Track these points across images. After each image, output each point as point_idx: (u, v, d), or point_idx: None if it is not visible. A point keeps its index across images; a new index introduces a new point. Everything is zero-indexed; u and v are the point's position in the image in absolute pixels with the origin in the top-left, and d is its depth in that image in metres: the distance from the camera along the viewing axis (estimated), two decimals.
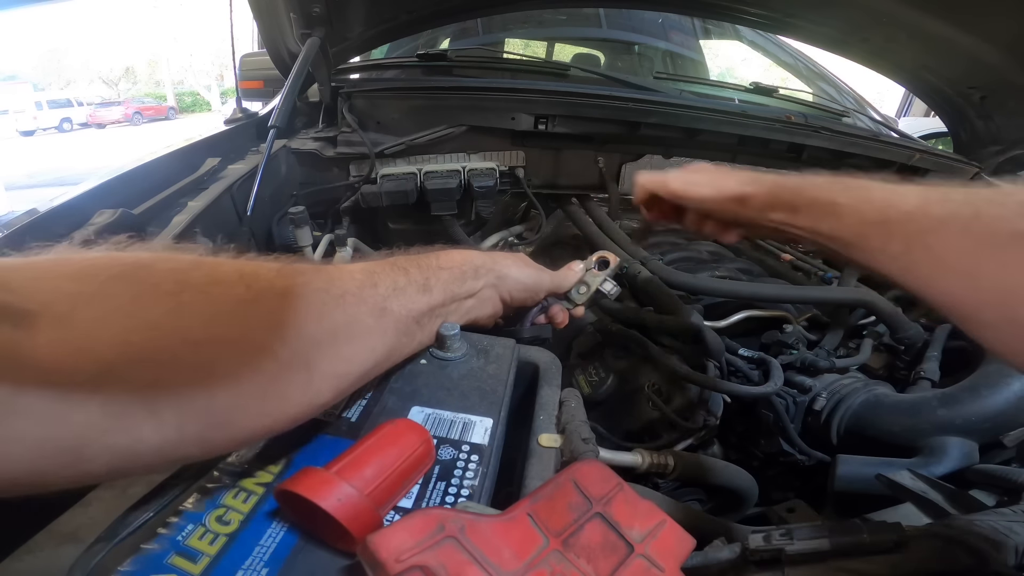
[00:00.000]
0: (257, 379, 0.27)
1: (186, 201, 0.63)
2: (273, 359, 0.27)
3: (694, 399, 0.67)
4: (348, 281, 0.34)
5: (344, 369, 0.32)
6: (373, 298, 0.35)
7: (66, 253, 0.26)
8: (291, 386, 0.29)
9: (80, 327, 0.22)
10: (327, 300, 0.31)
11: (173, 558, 0.27)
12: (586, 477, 0.31)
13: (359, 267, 0.36)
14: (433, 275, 0.40)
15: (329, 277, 0.33)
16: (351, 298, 0.33)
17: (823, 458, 0.64)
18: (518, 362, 0.46)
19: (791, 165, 1.08)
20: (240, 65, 1.14)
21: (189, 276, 0.26)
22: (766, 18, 1.08)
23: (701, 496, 0.62)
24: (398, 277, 0.38)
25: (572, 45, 1.70)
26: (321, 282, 0.32)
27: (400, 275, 0.38)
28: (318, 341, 0.30)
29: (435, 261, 0.42)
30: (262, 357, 0.27)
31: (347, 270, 0.35)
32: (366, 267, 0.37)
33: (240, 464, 0.32)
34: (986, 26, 0.89)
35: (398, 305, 0.36)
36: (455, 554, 0.25)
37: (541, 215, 1.03)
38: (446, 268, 0.42)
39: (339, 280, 0.33)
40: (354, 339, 0.33)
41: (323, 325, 0.31)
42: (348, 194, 0.94)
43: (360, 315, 0.33)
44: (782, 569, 0.35)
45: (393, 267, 0.38)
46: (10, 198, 5.62)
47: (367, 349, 0.34)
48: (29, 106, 14.77)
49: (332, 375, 0.31)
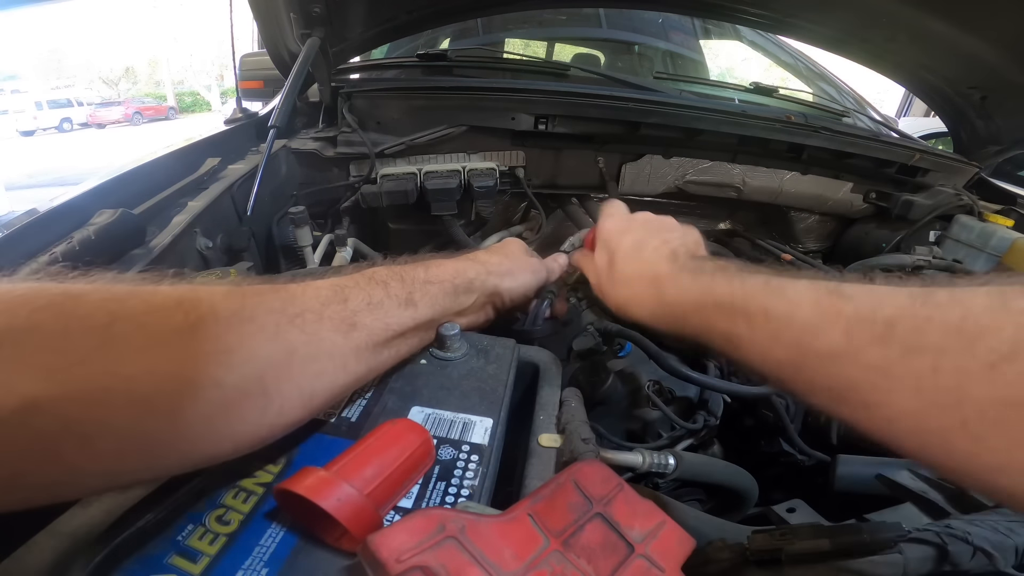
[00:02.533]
0: (200, 409, 0.26)
1: (186, 201, 0.63)
2: (216, 387, 0.26)
3: (694, 399, 0.67)
4: (310, 299, 0.32)
5: (311, 388, 0.31)
6: (340, 314, 0.33)
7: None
8: (247, 411, 0.28)
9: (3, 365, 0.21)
10: (281, 321, 0.30)
11: (173, 558, 0.27)
12: (586, 477, 0.31)
13: (329, 283, 0.35)
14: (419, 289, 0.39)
15: (288, 296, 0.32)
16: (311, 315, 0.31)
17: (823, 458, 0.64)
18: (518, 362, 0.46)
19: (791, 165, 1.08)
20: (240, 65, 1.14)
21: (122, 306, 0.25)
22: (766, 18, 1.08)
23: (701, 496, 0.62)
24: (374, 291, 0.36)
25: (572, 45, 1.70)
26: (277, 302, 0.31)
27: (377, 289, 0.36)
28: (273, 363, 0.29)
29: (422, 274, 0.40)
30: (203, 386, 0.26)
31: (312, 287, 0.34)
32: (337, 282, 0.35)
33: (240, 464, 0.32)
34: (986, 26, 0.89)
35: (372, 320, 0.35)
36: (456, 554, 0.25)
37: (541, 215, 1.03)
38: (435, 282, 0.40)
39: (299, 298, 0.32)
40: (319, 356, 0.31)
41: (277, 346, 0.29)
42: (348, 194, 0.94)
43: (322, 332, 0.32)
44: (782, 569, 0.35)
45: (370, 281, 0.37)
46: (10, 198, 5.62)
47: (336, 367, 0.32)
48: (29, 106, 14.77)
49: (297, 395, 0.30)
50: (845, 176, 1.11)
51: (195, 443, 0.27)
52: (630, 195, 1.09)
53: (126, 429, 0.24)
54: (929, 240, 1.05)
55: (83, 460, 0.23)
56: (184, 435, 0.26)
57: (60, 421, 0.22)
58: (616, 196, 1.03)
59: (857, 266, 0.94)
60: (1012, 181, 1.38)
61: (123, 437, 0.24)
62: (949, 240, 1.03)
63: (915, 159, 1.05)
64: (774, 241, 1.17)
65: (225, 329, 0.27)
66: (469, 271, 0.43)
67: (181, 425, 0.25)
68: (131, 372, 0.24)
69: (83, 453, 0.23)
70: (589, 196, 1.08)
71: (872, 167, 1.09)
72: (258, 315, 0.29)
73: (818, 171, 1.09)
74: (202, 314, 0.27)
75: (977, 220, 1.01)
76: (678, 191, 1.08)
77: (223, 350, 0.27)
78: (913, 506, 0.48)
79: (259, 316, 0.29)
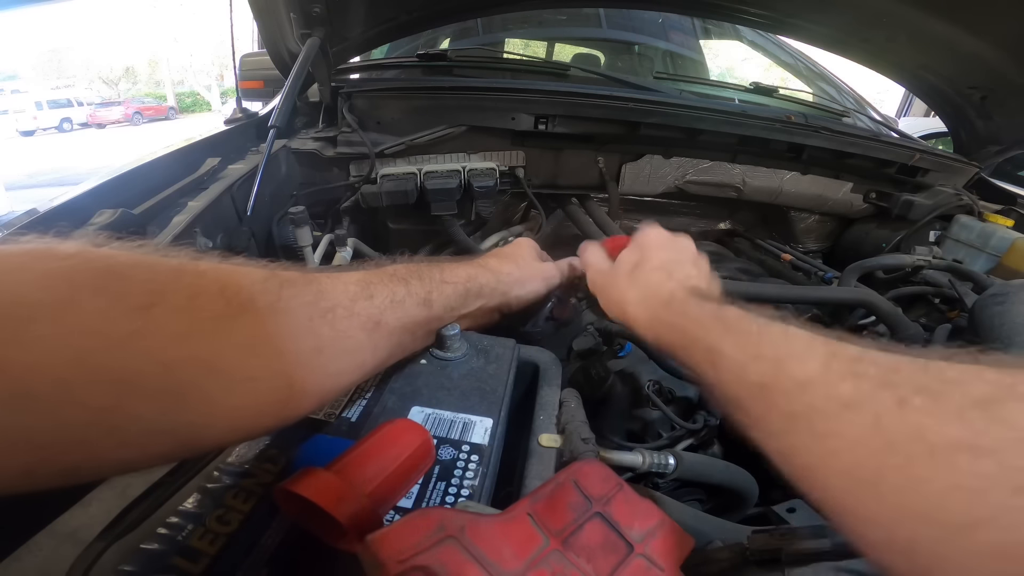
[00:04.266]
0: (231, 400, 0.25)
1: (186, 201, 0.63)
2: (249, 379, 0.26)
3: (694, 399, 0.67)
4: (340, 294, 0.32)
5: (329, 385, 0.31)
6: (367, 311, 0.33)
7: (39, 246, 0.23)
8: (268, 404, 0.28)
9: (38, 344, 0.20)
10: (314, 315, 0.30)
11: (173, 558, 0.27)
12: (586, 477, 0.31)
13: (355, 277, 0.35)
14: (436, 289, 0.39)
15: (319, 290, 0.31)
16: (342, 311, 0.31)
17: None
18: (518, 362, 0.46)
19: (791, 165, 1.08)
20: (240, 65, 1.13)
21: (166, 288, 0.24)
22: (766, 18, 1.08)
23: (701, 496, 0.62)
24: (397, 288, 0.36)
25: (572, 45, 1.70)
26: (310, 295, 0.31)
27: (400, 286, 0.36)
28: (301, 359, 0.29)
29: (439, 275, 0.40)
30: (238, 378, 0.26)
31: (341, 280, 0.34)
32: (362, 277, 0.35)
33: (240, 464, 0.32)
34: (986, 26, 0.89)
35: (394, 318, 0.35)
36: (455, 554, 0.25)
37: (541, 215, 1.03)
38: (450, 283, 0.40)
39: (330, 292, 0.32)
40: (343, 355, 0.31)
41: (308, 342, 0.29)
42: (348, 194, 0.94)
43: (350, 330, 0.32)
44: (782, 569, 0.35)
45: (392, 278, 0.37)
46: (10, 198, 5.62)
47: (356, 365, 0.33)
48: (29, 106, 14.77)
49: (316, 392, 0.30)
50: (845, 176, 1.11)
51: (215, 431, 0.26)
52: (630, 195, 1.09)
53: (156, 419, 0.23)
54: (929, 240, 1.05)
55: (109, 448, 0.23)
56: (208, 424, 0.25)
57: (89, 409, 0.21)
58: (616, 196, 1.03)
59: (857, 266, 0.94)
60: (1012, 181, 1.38)
61: (151, 427, 0.23)
62: (949, 240, 1.04)
63: (915, 159, 1.05)
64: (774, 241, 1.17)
65: (263, 320, 0.27)
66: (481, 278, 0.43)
67: (208, 415, 0.25)
68: (169, 359, 0.23)
69: (110, 441, 0.22)
70: (589, 196, 1.08)
71: (872, 167, 1.09)
72: (292, 307, 0.29)
73: (818, 171, 1.09)
74: (243, 303, 0.26)
75: (977, 220, 1.01)
76: (678, 191, 1.08)
77: (260, 341, 0.27)
78: None
79: (293, 309, 0.29)
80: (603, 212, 1.02)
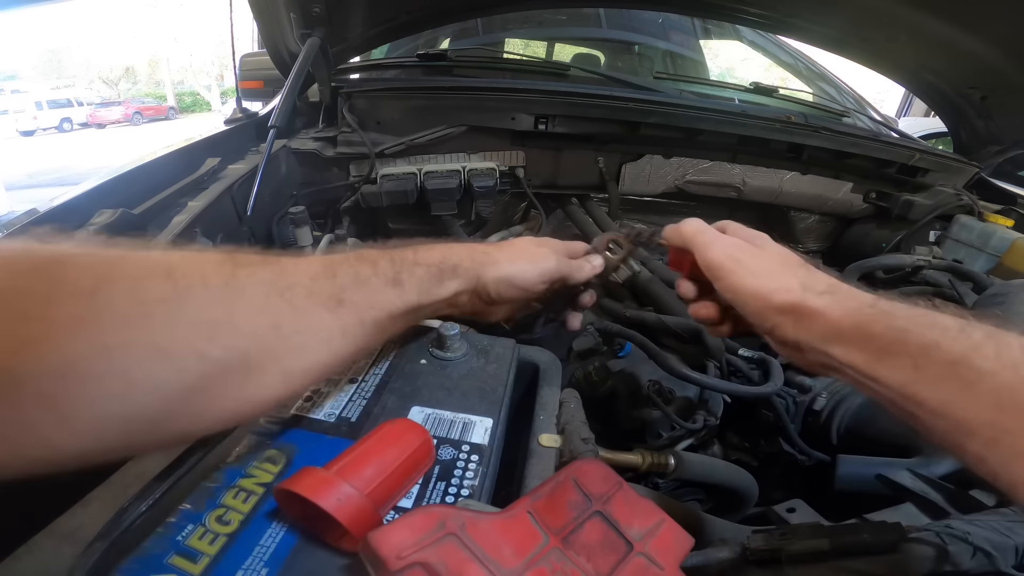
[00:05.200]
0: (182, 382, 0.25)
1: (186, 201, 0.63)
2: (199, 359, 0.25)
3: (694, 399, 0.67)
4: (300, 274, 0.32)
5: (294, 365, 0.30)
6: (328, 289, 0.32)
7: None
8: (228, 386, 0.27)
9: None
10: (271, 293, 0.29)
11: (173, 558, 0.27)
12: (586, 476, 0.31)
13: (319, 259, 0.34)
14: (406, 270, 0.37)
15: (280, 270, 0.31)
16: (300, 290, 0.31)
17: (823, 458, 0.64)
18: (518, 362, 0.46)
19: (791, 165, 1.08)
20: (240, 65, 1.13)
21: (109, 272, 0.24)
22: (766, 18, 1.08)
23: (701, 496, 0.62)
24: (362, 268, 0.35)
25: (572, 45, 1.70)
26: (268, 275, 0.30)
27: (365, 266, 0.36)
28: (258, 337, 0.28)
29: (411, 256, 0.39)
30: (186, 359, 0.25)
31: (304, 262, 0.33)
32: (326, 259, 0.35)
33: (240, 464, 0.32)
34: (986, 26, 0.89)
35: (359, 296, 0.34)
36: (456, 551, 0.25)
37: (541, 215, 1.03)
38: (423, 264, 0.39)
39: (290, 272, 0.31)
40: (304, 332, 0.31)
41: (264, 320, 0.28)
42: (348, 194, 0.94)
43: (311, 308, 0.31)
44: (782, 569, 0.35)
45: (359, 259, 0.36)
46: (10, 198, 5.62)
47: (320, 342, 0.32)
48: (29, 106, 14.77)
49: (279, 371, 0.29)
50: (845, 176, 1.11)
51: (175, 419, 0.26)
52: (630, 195, 1.09)
53: (106, 406, 0.23)
54: (929, 240, 1.05)
55: (61, 437, 0.22)
56: (164, 410, 0.25)
57: (35, 396, 0.21)
58: (616, 196, 1.03)
59: (857, 266, 0.94)
60: (1012, 181, 1.38)
61: (102, 415, 0.23)
62: (949, 240, 1.03)
63: (915, 159, 1.05)
64: None
65: (214, 300, 0.27)
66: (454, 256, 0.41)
67: (161, 399, 0.24)
68: (111, 343, 0.23)
69: (60, 431, 0.22)
70: (589, 196, 1.08)
71: (872, 167, 1.09)
72: (247, 286, 0.28)
73: (818, 171, 1.09)
74: (191, 283, 0.26)
75: (977, 220, 1.01)
76: (678, 191, 1.08)
77: (210, 321, 0.26)
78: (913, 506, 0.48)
79: (248, 287, 0.28)
80: (603, 212, 1.02)
